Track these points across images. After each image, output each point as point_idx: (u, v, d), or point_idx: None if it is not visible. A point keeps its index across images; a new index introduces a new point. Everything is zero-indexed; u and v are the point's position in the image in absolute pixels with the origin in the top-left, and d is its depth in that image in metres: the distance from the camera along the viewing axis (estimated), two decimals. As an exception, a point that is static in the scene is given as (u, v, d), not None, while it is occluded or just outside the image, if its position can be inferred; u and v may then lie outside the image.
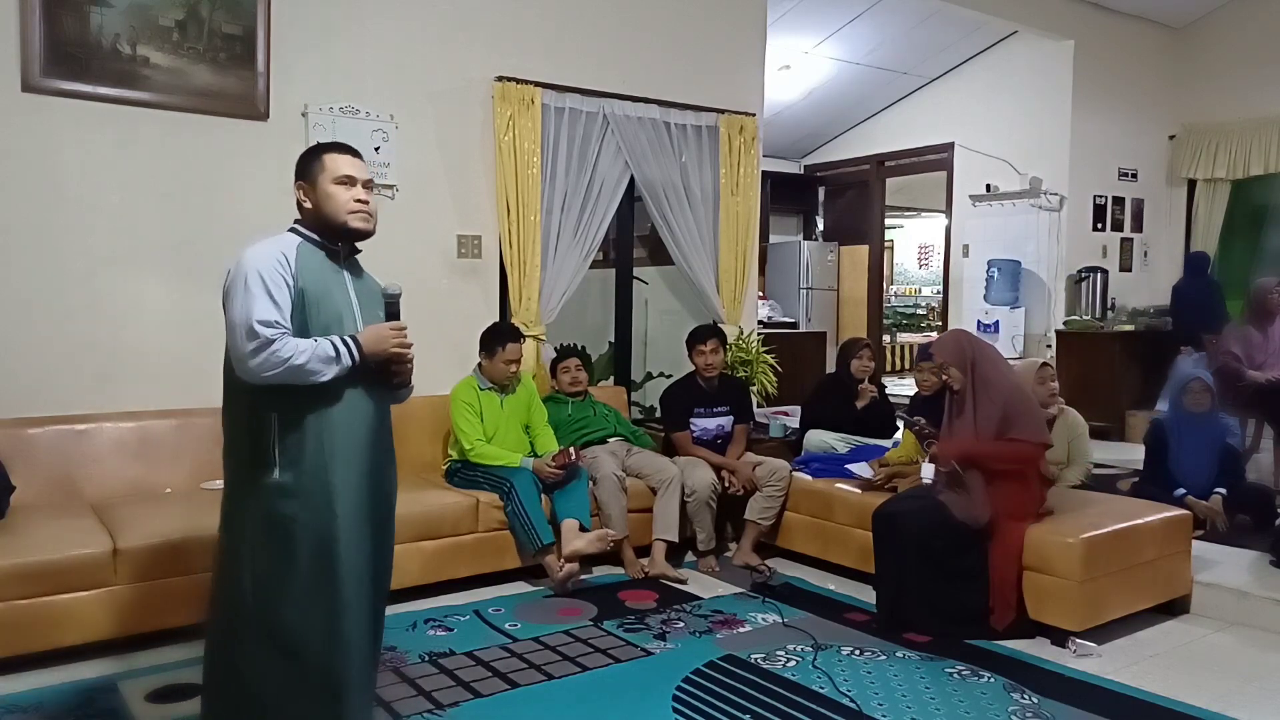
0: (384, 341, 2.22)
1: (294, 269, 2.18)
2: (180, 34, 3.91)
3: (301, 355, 2.10)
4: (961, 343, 3.76)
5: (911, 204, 12.00)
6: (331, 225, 2.26)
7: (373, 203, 2.30)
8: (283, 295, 2.15)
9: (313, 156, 2.30)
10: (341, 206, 2.24)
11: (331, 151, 2.29)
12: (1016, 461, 3.56)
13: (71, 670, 3.02)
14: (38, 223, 3.71)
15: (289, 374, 2.10)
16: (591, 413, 4.61)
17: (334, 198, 2.24)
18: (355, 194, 2.25)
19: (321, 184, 2.25)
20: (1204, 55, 8.33)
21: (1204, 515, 4.30)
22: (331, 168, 2.26)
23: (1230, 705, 2.95)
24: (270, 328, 2.09)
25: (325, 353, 2.14)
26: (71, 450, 3.65)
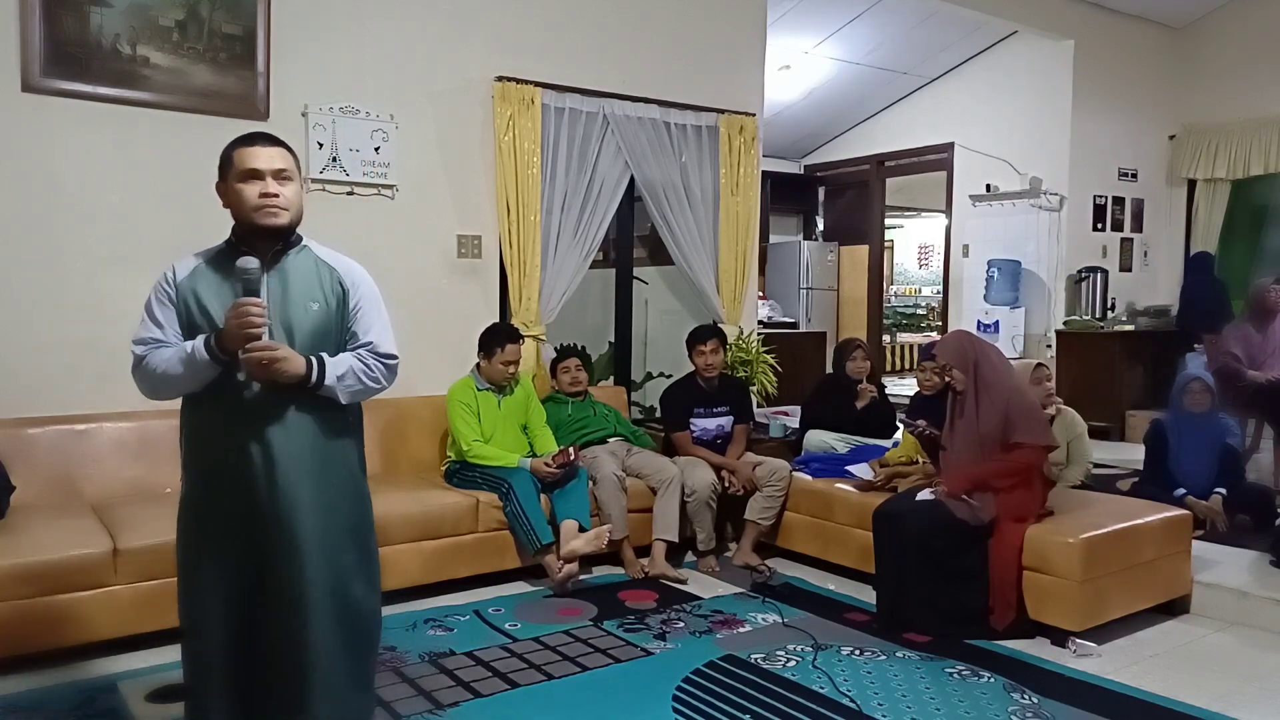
0: (227, 324, 2.02)
1: (176, 281, 2.14)
2: (180, 34, 3.91)
3: (164, 364, 2.06)
4: (964, 344, 3.75)
5: (911, 204, 12.00)
6: (245, 226, 2.15)
7: (290, 194, 2.14)
8: (165, 313, 2.12)
9: (224, 154, 2.18)
10: (246, 203, 2.11)
11: (240, 145, 2.16)
12: (1022, 471, 3.56)
13: (71, 670, 3.02)
14: (38, 223, 3.71)
15: (161, 385, 2.08)
16: (591, 413, 4.61)
17: (239, 195, 2.12)
18: (261, 188, 2.10)
19: (231, 182, 2.14)
20: (1204, 55, 8.33)
21: (1204, 515, 4.30)
22: (238, 163, 2.13)
23: (1230, 705, 2.95)
24: (142, 345, 2.09)
25: (183, 354, 2.05)
26: (71, 450, 3.65)
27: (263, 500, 2.10)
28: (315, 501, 2.14)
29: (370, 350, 2.21)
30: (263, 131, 2.24)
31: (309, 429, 2.15)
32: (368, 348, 2.21)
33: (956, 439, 3.69)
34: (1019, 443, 3.56)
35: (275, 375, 2.05)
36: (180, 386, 2.09)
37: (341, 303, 2.22)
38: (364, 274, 2.29)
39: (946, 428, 3.76)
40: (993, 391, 3.61)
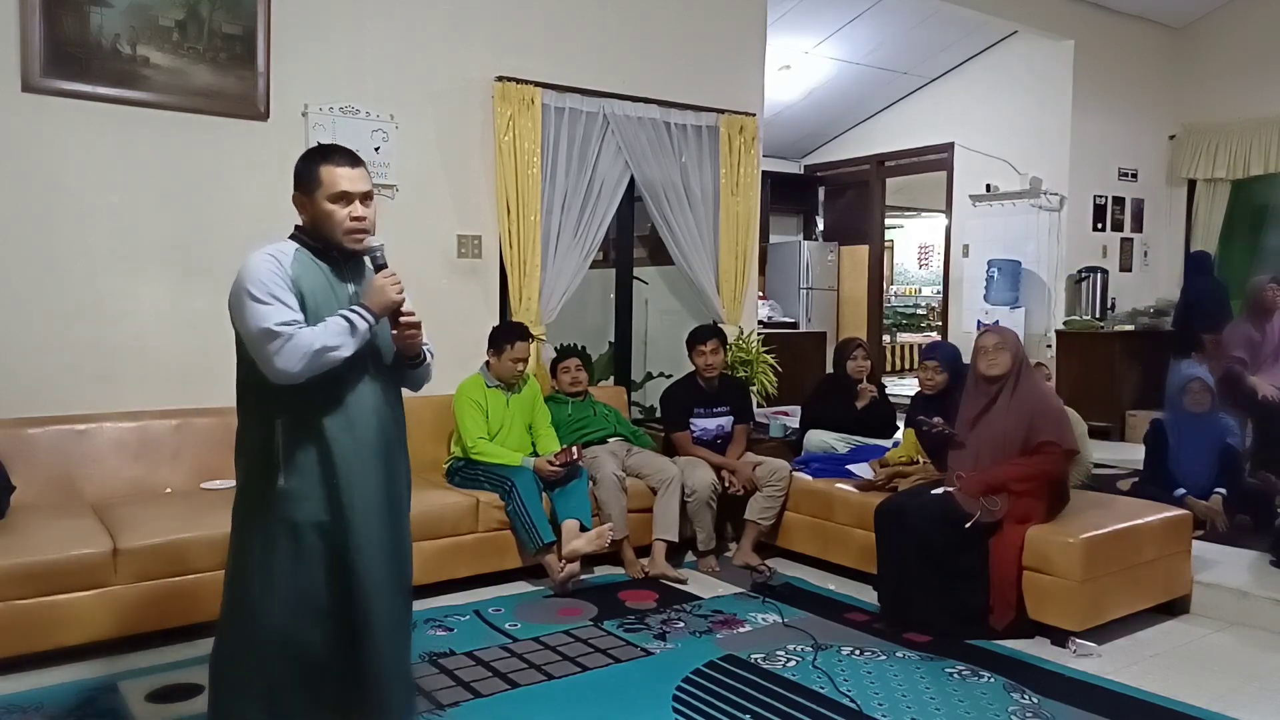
0: (383, 291, 2.18)
1: (288, 270, 2.17)
2: (180, 34, 3.91)
3: (320, 338, 2.10)
4: (1020, 345, 3.79)
5: (911, 204, 12.00)
6: (328, 240, 2.22)
7: (371, 212, 2.24)
8: (287, 296, 2.14)
9: (310, 167, 2.22)
10: (337, 227, 2.19)
11: (329, 163, 2.21)
12: (1043, 475, 3.56)
13: (71, 670, 3.02)
14: (38, 223, 3.71)
15: (314, 360, 2.09)
16: (591, 413, 4.61)
17: (330, 217, 2.19)
18: (351, 211, 2.19)
19: (318, 199, 2.19)
20: (1204, 55, 8.33)
21: (1204, 515, 4.30)
22: (328, 182, 2.18)
23: (1230, 705, 2.95)
24: (285, 325, 2.09)
25: (339, 325, 2.13)
26: (71, 450, 3.65)
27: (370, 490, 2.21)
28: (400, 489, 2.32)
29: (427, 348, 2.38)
30: (346, 149, 2.30)
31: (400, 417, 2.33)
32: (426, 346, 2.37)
33: (978, 434, 3.69)
34: (1046, 442, 3.56)
35: (416, 341, 2.26)
36: (334, 361, 2.12)
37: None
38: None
39: (966, 421, 3.74)
40: (1024, 393, 3.63)
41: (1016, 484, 3.54)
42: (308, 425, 2.17)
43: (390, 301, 2.18)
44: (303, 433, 2.17)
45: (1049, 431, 3.57)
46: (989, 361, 3.71)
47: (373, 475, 2.21)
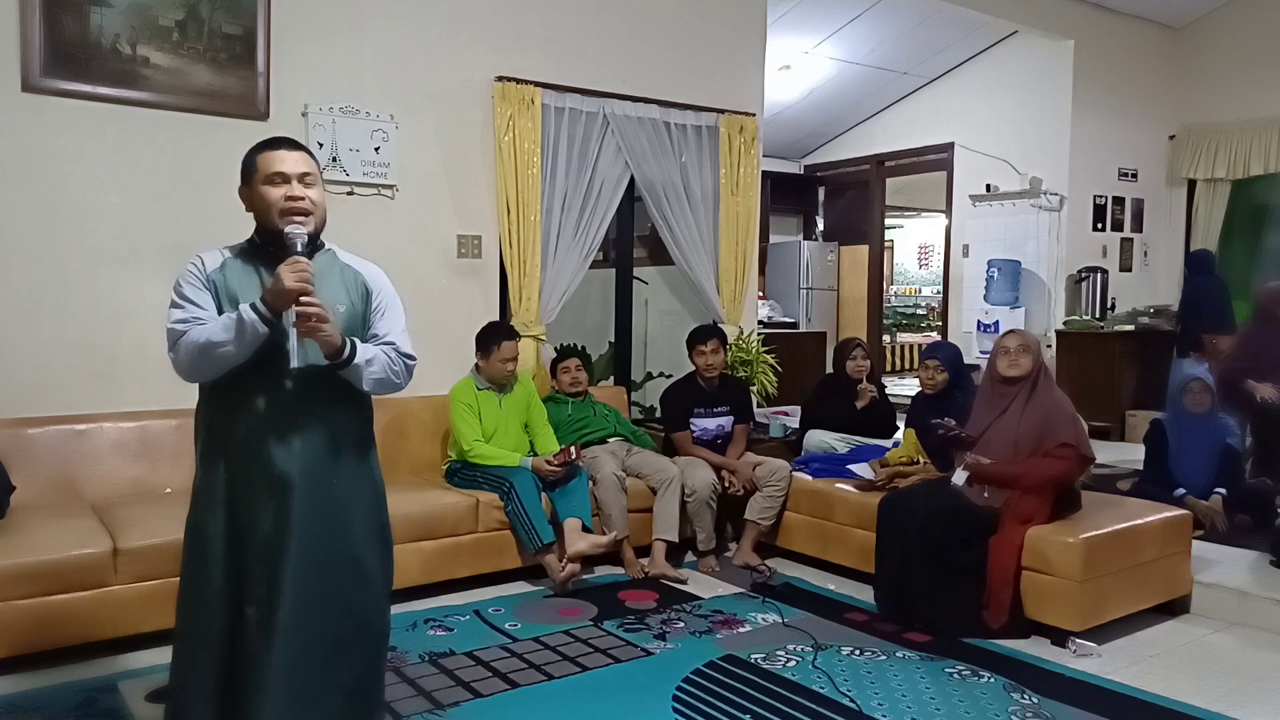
0: (279, 278, 1.99)
1: (208, 270, 2.13)
2: (180, 34, 3.91)
3: (205, 334, 2.02)
4: (1040, 347, 3.80)
5: (911, 204, 12.00)
6: (268, 228, 2.14)
7: (315, 196, 2.15)
8: (198, 295, 2.10)
9: (248, 157, 2.17)
10: (273, 206, 2.11)
11: (264, 150, 2.16)
12: (1054, 479, 3.56)
13: (71, 670, 3.02)
14: (38, 223, 3.71)
15: (203, 357, 2.03)
16: (591, 413, 4.61)
17: (264, 198, 2.12)
18: (286, 190, 2.11)
19: (255, 185, 2.14)
20: (1204, 55, 8.33)
21: (1204, 515, 4.30)
22: (263, 167, 2.13)
23: (1230, 705, 2.95)
24: (181, 323, 2.06)
25: (226, 320, 2.03)
26: (71, 450, 3.65)
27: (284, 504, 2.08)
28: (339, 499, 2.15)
29: (394, 348, 2.23)
30: (284, 136, 2.25)
31: (334, 430, 2.17)
32: (391, 346, 2.23)
33: (992, 435, 3.68)
34: (1063, 445, 3.55)
35: (319, 334, 2.04)
36: (223, 358, 2.03)
37: (365, 304, 2.26)
38: (385, 278, 2.33)
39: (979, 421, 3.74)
40: (1041, 397, 3.63)
41: (1028, 481, 3.54)
42: (224, 429, 2.13)
43: (283, 290, 1.99)
44: (218, 435, 2.13)
45: (1067, 434, 3.57)
46: (1010, 362, 3.70)
47: (290, 485, 2.07)
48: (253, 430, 2.10)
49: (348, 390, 2.18)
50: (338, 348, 2.09)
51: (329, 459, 2.15)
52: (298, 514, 2.08)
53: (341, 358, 2.10)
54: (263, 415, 2.11)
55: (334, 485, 2.15)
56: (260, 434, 2.10)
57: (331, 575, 2.13)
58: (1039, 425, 3.59)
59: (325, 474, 2.14)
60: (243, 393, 2.11)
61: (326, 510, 2.13)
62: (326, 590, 2.12)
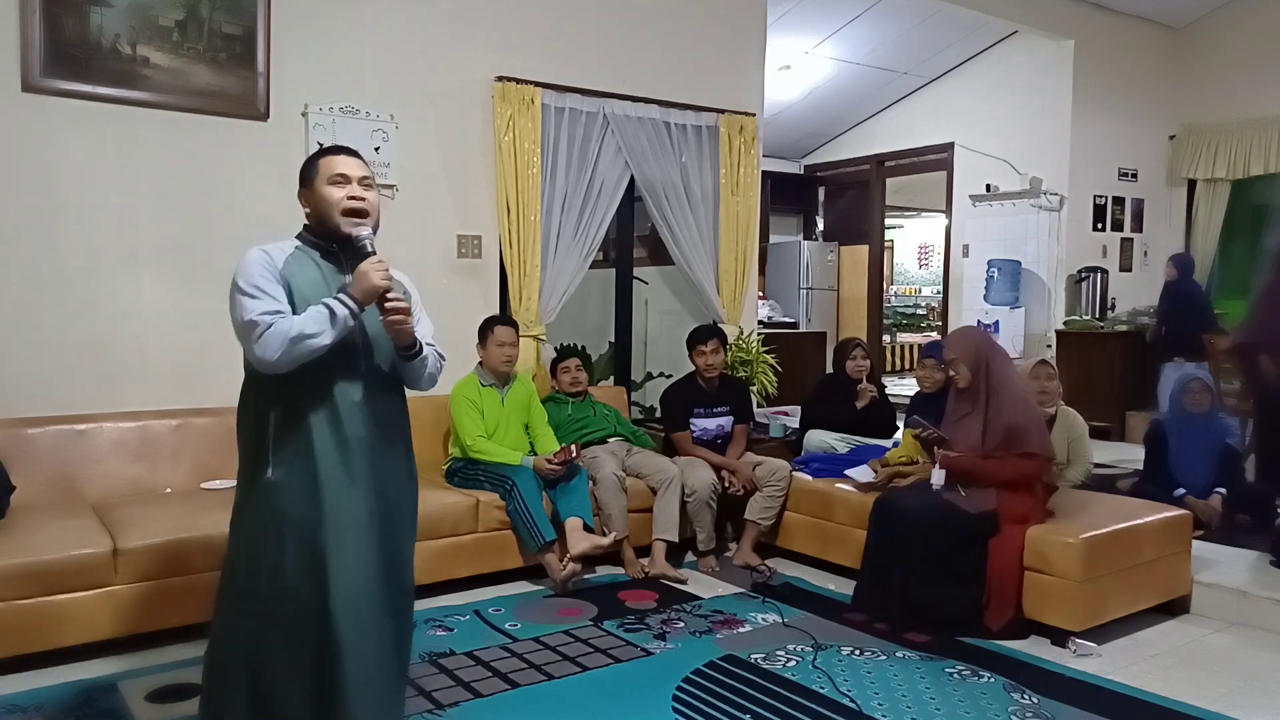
0: (365, 276, 2.14)
1: (279, 265, 2.20)
2: (180, 34, 3.91)
3: (297, 325, 2.10)
4: (977, 342, 3.76)
5: (911, 204, 12.00)
6: (328, 227, 2.25)
7: (372, 199, 2.28)
8: (273, 288, 2.16)
9: (309, 162, 2.31)
10: (334, 207, 2.23)
11: (327, 154, 2.30)
12: (1021, 477, 3.58)
13: (71, 670, 3.02)
14: (38, 223, 3.71)
15: (293, 348, 2.09)
16: (591, 413, 4.61)
17: (327, 198, 2.24)
18: (348, 191, 2.24)
19: (317, 186, 2.26)
20: (1204, 55, 8.33)
21: (1204, 515, 4.30)
22: (325, 169, 2.26)
23: (1230, 705, 2.95)
24: (266, 314, 2.11)
25: (318, 312, 2.12)
26: (71, 450, 3.65)
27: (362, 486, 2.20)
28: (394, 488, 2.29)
29: (434, 349, 2.37)
30: (344, 145, 2.38)
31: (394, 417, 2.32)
32: (432, 347, 2.36)
33: (959, 439, 3.70)
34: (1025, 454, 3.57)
35: (404, 328, 2.20)
36: (314, 349, 2.11)
37: None
38: (412, 286, 2.45)
39: (945, 425, 3.76)
40: (1002, 400, 3.63)
41: (1000, 474, 3.56)
42: (296, 418, 2.18)
43: (372, 287, 2.14)
44: (290, 425, 2.18)
45: (1031, 444, 3.58)
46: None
47: (357, 472, 2.19)
48: (330, 420, 2.19)
49: (401, 389, 2.35)
50: (412, 341, 2.25)
51: (393, 444, 2.31)
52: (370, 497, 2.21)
53: (413, 350, 2.26)
54: (339, 405, 2.20)
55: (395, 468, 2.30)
56: (337, 423, 2.19)
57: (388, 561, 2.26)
58: (1004, 431, 3.60)
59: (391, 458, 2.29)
60: (319, 383, 2.18)
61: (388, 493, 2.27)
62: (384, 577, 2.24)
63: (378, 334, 2.25)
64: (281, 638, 2.16)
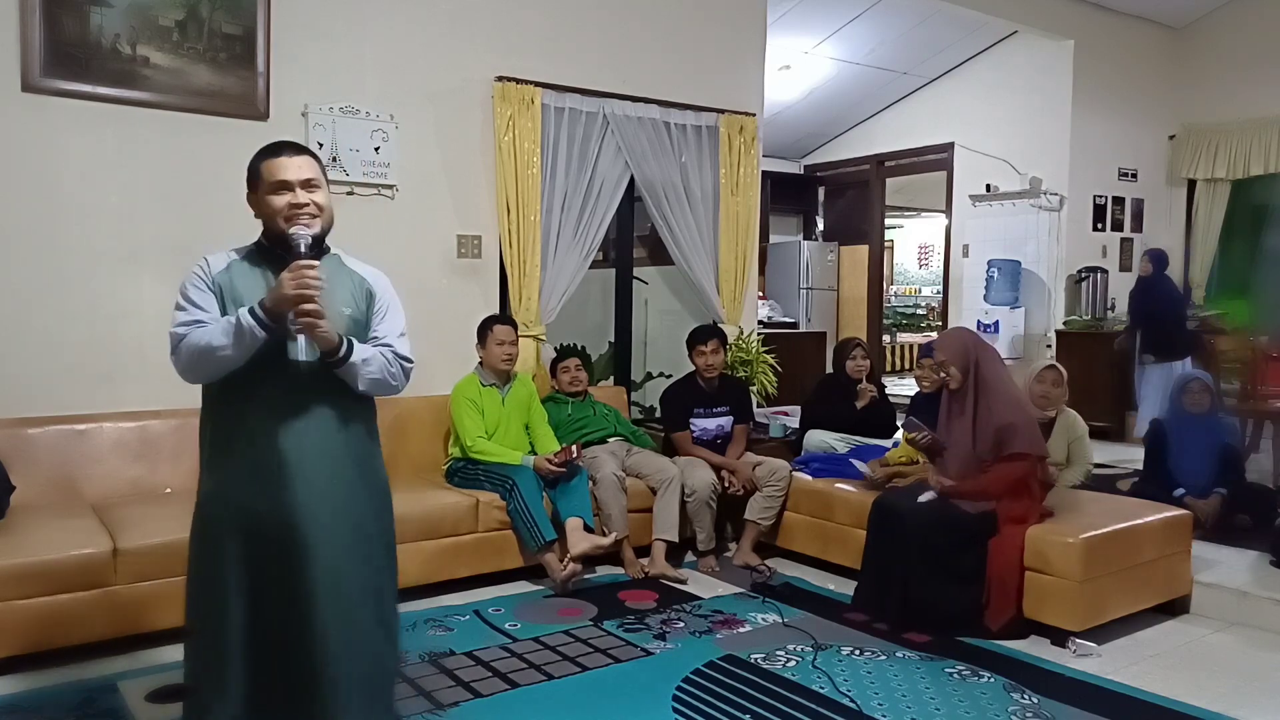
0: (279, 285, 2.03)
1: (213, 272, 2.17)
2: (180, 34, 3.91)
3: (204, 337, 2.06)
4: (966, 343, 3.76)
5: (911, 204, 12.00)
6: (275, 233, 2.18)
7: (320, 199, 2.20)
8: (201, 297, 2.14)
9: (253, 164, 2.22)
10: (277, 214, 2.16)
11: (267, 157, 2.20)
12: (1018, 481, 3.58)
13: (71, 670, 3.02)
14: (38, 223, 3.71)
15: (200, 359, 2.07)
16: (591, 412, 4.61)
17: (270, 206, 2.17)
18: (290, 199, 2.16)
19: (261, 194, 2.19)
20: (1204, 55, 8.33)
21: (1204, 515, 4.29)
22: (266, 175, 2.18)
23: (1230, 705, 2.95)
24: (182, 327, 2.10)
25: (226, 324, 2.06)
26: (71, 450, 3.65)
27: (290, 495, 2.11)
28: (341, 499, 2.18)
29: (391, 350, 2.26)
30: (287, 140, 2.29)
31: (337, 426, 2.20)
32: (388, 348, 2.26)
33: (952, 440, 3.71)
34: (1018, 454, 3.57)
35: (314, 330, 2.07)
36: (222, 362, 2.07)
37: (368, 309, 2.30)
38: (387, 282, 2.37)
39: (940, 426, 3.77)
40: (991, 398, 3.62)
41: (995, 490, 3.57)
42: (228, 429, 2.17)
43: (283, 297, 2.03)
44: (225, 436, 2.17)
45: (1020, 444, 3.58)
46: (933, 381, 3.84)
47: (298, 482, 2.11)
48: (258, 427, 2.14)
49: (348, 389, 2.20)
50: (334, 346, 2.12)
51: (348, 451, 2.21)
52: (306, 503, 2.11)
53: (337, 356, 2.13)
54: (267, 412, 2.14)
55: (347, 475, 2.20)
56: (264, 430, 2.13)
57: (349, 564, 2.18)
58: (994, 434, 3.60)
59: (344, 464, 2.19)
60: (246, 391, 2.14)
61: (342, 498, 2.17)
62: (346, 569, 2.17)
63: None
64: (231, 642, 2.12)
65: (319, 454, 2.15)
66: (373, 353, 2.21)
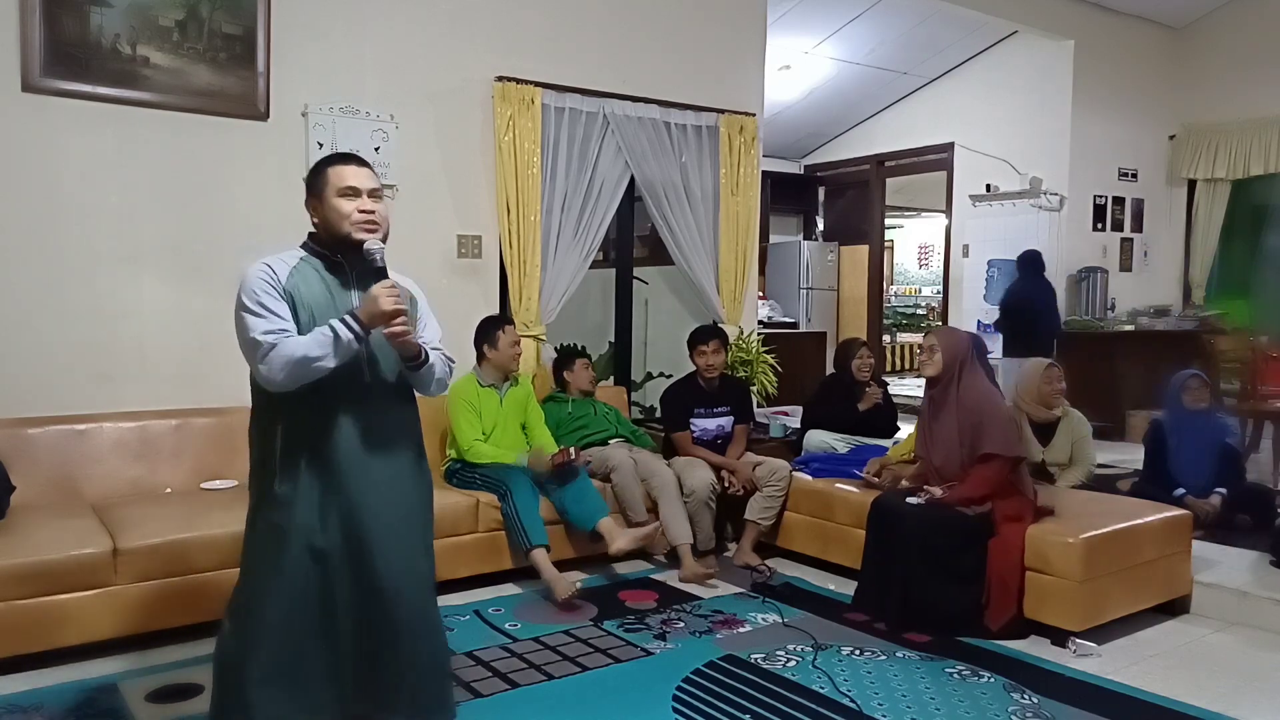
0: (375, 301, 2.16)
1: (282, 280, 2.21)
2: (180, 34, 3.91)
3: (302, 348, 2.13)
4: (963, 342, 3.78)
5: (911, 204, 12.01)
6: (337, 238, 2.26)
7: (382, 211, 2.29)
8: (277, 305, 2.18)
9: (318, 171, 2.31)
10: (344, 218, 2.24)
11: (335, 164, 2.30)
12: (995, 484, 3.59)
13: (71, 670, 3.02)
14: (38, 223, 3.71)
15: (297, 369, 2.13)
16: (592, 412, 4.61)
17: (338, 210, 2.25)
18: (358, 204, 2.25)
19: (327, 197, 2.26)
20: (1204, 55, 8.33)
21: (1203, 515, 4.29)
22: (335, 180, 2.26)
23: (1230, 705, 2.95)
24: (270, 334, 2.14)
25: (323, 336, 2.14)
26: (71, 450, 3.65)
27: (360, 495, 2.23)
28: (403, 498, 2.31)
29: (441, 353, 2.40)
30: (350, 153, 2.38)
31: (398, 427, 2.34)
32: (439, 351, 2.39)
33: (933, 436, 3.75)
34: (990, 455, 3.59)
35: (408, 342, 2.21)
36: (318, 371, 2.14)
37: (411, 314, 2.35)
38: (420, 290, 2.48)
39: (923, 425, 3.79)
40: (965, 403, 3.67)
41: (977, 495, 3.58)
42: (303, 432, 2.22)
43: (379, 313, 2.16)
44: (298, 439, 2.22)
45: (991, 443, 3.59)
46: (920, 361, 3.82)
47: (369, 480, 2.24)
48: (332, 430, 2.22)
49: (409, 395, 2.37)
50: (417, 352, 2.27)
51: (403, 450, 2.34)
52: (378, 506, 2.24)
53: (418, 361, 2.28)
54: (341, 416, 2.23)
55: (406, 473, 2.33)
56: (342, 436, 2.23)
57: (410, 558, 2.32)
58: (969, 429, 3.63)
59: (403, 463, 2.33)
60: (324, 395, 2.21)
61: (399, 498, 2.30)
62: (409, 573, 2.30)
63: (382, 345, 2.27)
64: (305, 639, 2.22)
65: (385, 454, 2.28)
66: (436, 356, 2.36)
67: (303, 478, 2.21)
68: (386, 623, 2.24)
